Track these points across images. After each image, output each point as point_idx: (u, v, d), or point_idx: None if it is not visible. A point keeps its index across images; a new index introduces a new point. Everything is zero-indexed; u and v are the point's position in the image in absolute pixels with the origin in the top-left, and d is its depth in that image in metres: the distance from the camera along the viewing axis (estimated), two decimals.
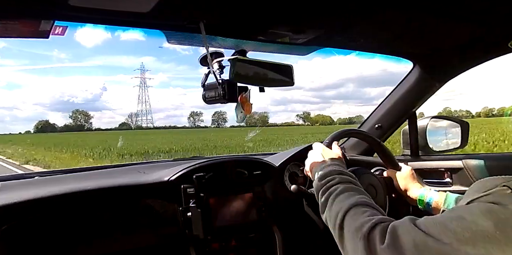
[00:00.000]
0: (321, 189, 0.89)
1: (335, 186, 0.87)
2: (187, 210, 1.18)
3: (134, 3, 0.85)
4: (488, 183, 0.69)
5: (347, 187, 0.86)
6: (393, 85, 1.69)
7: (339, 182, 0.88)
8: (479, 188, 0.69)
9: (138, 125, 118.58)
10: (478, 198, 0.66)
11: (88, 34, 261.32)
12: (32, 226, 1.02)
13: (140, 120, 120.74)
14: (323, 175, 0.92)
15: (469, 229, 0.60)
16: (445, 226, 0.63)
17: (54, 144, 27.43)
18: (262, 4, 0.93)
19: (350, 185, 0.87)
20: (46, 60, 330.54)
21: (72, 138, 42.20)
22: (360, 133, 1.35)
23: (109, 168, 1.56)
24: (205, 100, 1.03)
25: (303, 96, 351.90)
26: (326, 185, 0.89)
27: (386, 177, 1.25)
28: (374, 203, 0.83)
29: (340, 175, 0.90)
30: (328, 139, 1.13)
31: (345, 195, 0.84)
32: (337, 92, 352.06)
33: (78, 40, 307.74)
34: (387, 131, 1.74)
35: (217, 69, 1.00)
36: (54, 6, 0.82)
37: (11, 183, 1.25)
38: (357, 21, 1.09)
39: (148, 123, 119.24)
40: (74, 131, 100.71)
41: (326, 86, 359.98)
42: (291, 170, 1.48)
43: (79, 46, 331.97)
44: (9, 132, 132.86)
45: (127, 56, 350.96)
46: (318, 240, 1.05)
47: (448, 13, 1.05)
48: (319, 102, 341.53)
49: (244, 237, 1.31)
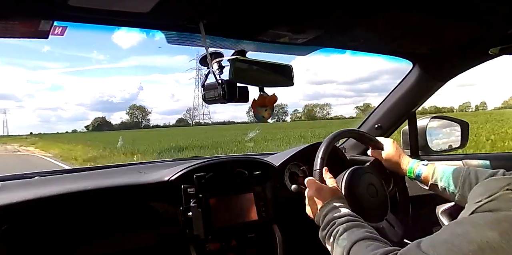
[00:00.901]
0: (325, 237, 0.90)
1: (336, 229, 0.87)
2: (187, 210, 1.18)
3: (133, 3, 0.85)
4: (491, 185, 0.69)
5: (348, 225, 0.86)
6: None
7: (339, 224, 0.88)
8: (482, 191, 0.69)
9: (197, 121, 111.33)
10: (482, 205, 0.66)
11: (124, 35, 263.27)
12: (32, 226, 1.02)
13: (197, 115, 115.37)
14: (324, 226, 0.92)
15: (475, 243, 0.60)
16: (452, 243, 0.63)
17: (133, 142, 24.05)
18: (262, 4, 0.93)
19: (349, 223, 0.87)
20: (86, 62, 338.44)
21: (135, 135, 38.78)
22: (345, 132, 1.28)
23: (109, 168, 1.56)
24: (205, 100, 1.03)
25: (336, 90, 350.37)
26: (328, 232, 0.89)
27: (374, 162, 1.24)
28: (377, 234, 0.83)
29: (339, 219, 0.90)
30: (318, 165, 1.10)
31: (346, 234, 0.84)
32: (370, 84, 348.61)
33: (115, 41, 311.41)
34: (387, 131, 1.74)
35: (217, 69, 1.00)
36: (54, 6, 0.82)
37: (11, 183, 1.25)
38: (357, 21, 1.09)
39: (205, 118, 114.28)
40: (132, 128, 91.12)
41: (360, 79, 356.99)
42: (291, 170, 1.48)
43: (116, 48, 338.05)
44: (57, 132, 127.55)
45: (160, 56, 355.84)
46: (318, 240, 1.05)
47: (448, 13, 1.05)
48: (353, 96, 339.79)
49: (244, 237, 1.31)
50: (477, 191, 0.71)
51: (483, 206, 0.66)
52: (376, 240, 0.79)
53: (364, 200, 1.11)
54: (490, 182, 0.71)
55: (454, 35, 1.25)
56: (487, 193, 0.67)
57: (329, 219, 0.92)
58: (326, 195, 1.01)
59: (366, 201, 1.11)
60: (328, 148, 1.13)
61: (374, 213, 1.13)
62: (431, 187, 1.11)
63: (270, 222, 1.36)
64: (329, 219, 0.92)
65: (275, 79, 1.07)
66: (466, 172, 1.04)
